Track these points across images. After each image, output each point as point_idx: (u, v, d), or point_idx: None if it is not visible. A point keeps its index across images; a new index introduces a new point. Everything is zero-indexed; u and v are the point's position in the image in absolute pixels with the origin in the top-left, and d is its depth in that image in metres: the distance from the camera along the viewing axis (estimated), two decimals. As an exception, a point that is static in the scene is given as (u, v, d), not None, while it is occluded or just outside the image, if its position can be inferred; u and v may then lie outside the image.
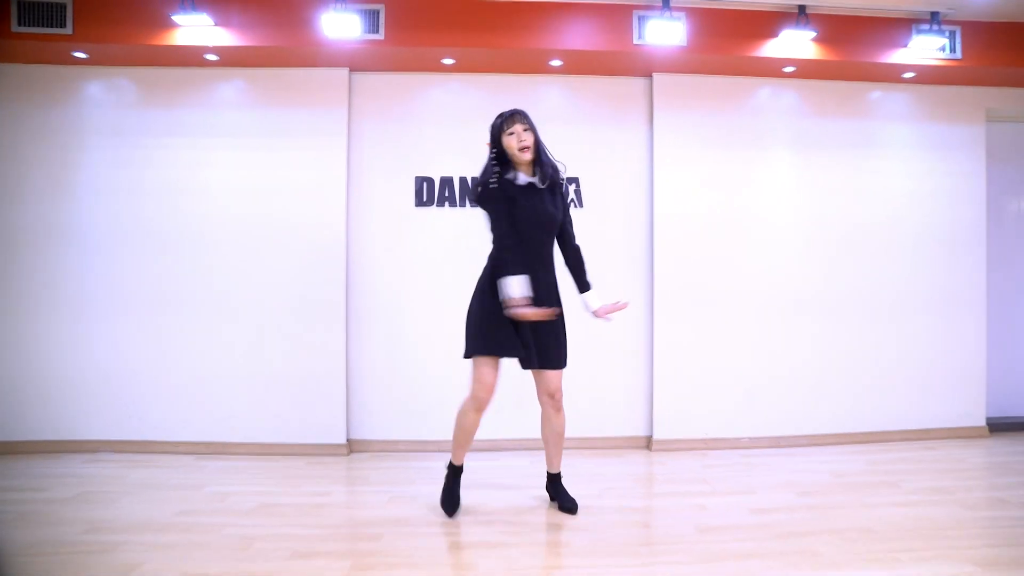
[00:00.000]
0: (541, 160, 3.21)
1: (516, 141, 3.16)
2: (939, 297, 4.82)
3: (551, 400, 3.30)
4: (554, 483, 3.47)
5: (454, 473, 3.40)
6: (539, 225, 3.20)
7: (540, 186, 3.19)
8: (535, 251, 3.21)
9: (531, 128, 3.20)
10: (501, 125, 3.20)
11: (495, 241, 3.20)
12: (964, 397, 4.85)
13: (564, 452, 3.47)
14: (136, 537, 2.97)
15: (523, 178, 3.20)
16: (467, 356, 3.22)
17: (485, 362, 3.17)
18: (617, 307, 3.33)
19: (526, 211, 3.16)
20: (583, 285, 3.37)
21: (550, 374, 3.26)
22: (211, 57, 4.30)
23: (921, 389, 4.80)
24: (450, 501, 3.34)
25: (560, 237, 3.34)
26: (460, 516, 3.29)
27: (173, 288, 4.45)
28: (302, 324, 4.47)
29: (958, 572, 2.63)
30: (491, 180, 3.16)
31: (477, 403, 3.20)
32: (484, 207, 3.21)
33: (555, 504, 3.43)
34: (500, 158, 3.20)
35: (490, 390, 3.18)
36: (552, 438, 3.40)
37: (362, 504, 3.56)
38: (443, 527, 3.17)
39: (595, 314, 3.34)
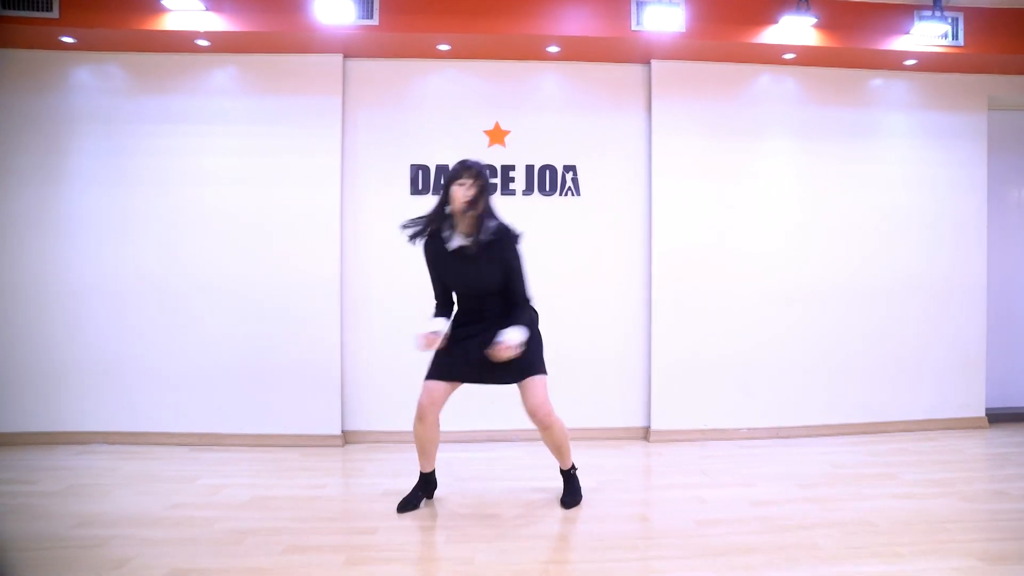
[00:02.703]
0: (482, 221, 3.03)
1: (461, 193, 3.03)
2: (939, 287, 4.78)
3: (534, 419, 3.15)
4: (564, 477, 3.40)
5: (420, 479, 3.34)
6: (468, 289, 3.16)
7: (471, 251, 3.05)
8: (471, 310, 3.18)
9: (477, 185, 3.02)
10: (456, 172, 3.07)
11: None
12: (964, 387, 4.82)
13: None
14: (126, 531, 2.93)
15: (456, 241, 3.09)
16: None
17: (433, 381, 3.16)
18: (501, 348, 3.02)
19: (455, 276, 3.15)
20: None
21: (525, 392, 3.13)
22: (202, 43, 4.22)
23: (920, 379, 4.77)
24: (404, 500, 3.27)
25: (506, 292, 3.16)
26: (456, 508, 3.25)
27: (165, 277, 4.39)
28: (296, 314, 4.41)
29: (961, 566, 2.59)
30: (414, 232, 3.11)
31: (418, 412, 3.15)
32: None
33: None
34: (442, 206, 3.10)
35: (432, 402, 3.14)
36: (550, 448, 3.32)
37: (357, 497, 3.52)
38: (439, 520, 3.13)
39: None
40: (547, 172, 4.56)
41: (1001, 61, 4.53)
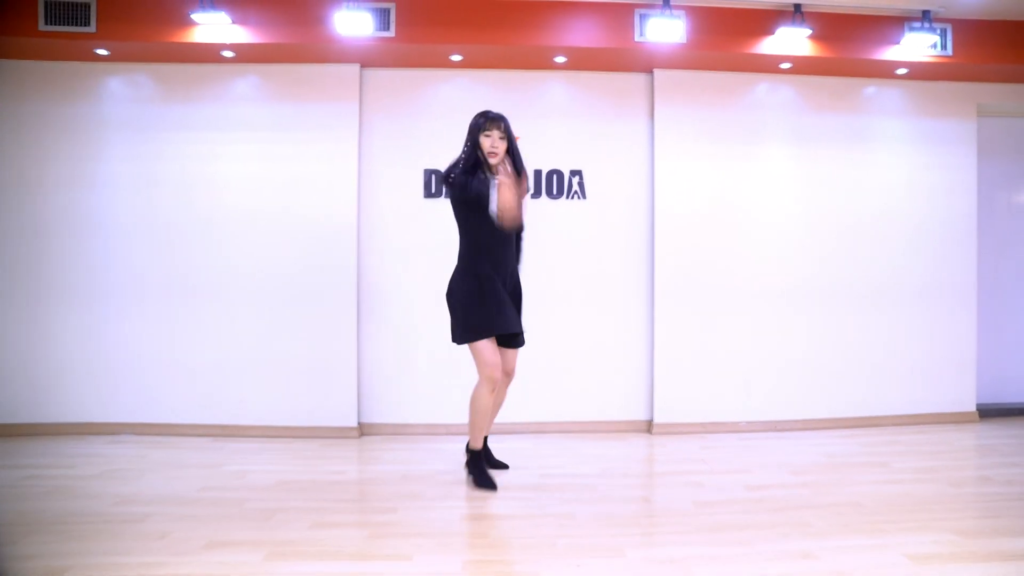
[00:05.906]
0: (515, 164, 3.48)
1: (489, 144, 3.41)
2: (931, 287, 4.96)
3: (507, 378, 3.65)
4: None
5: (476, 457, 3.59)
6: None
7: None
8: (505, 242, 3.52)
9: (507, 137, 3.46)
10: (482, 125, 3.44)
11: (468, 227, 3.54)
12: (955, 384, 5.00)
13: (566, 434, 4.08)
14: (163, 509, 3.14)
15: (491, 178, 3.47)
16: (466, 342, 3.46)
17: (486, 344, 3.42)
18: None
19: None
20: None
21: (513, 352, 3.63)
22: (227, 54, 4.45)
23: (913, 376, 4.96)
24: (486, 479, 3.52)
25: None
26: (471, 492, 3.46)
27: (189, 276, 4.61)
28: (314, 312, 4.62)
29: (938, 540, 2.78)
30: (456, 176, 3.44)
31: (491, 384, 3.43)
32: (464, 194, 3.42)
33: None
34: (474, 153, 3.46)
35: (499, 368, 3.45)
36: (494, 408, 3.68)
37: (376, 481, 3.73)
38: (454, 502, 3.33)
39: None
40: (554, 176, 4.78)
41: (989, 70, 4.73)
